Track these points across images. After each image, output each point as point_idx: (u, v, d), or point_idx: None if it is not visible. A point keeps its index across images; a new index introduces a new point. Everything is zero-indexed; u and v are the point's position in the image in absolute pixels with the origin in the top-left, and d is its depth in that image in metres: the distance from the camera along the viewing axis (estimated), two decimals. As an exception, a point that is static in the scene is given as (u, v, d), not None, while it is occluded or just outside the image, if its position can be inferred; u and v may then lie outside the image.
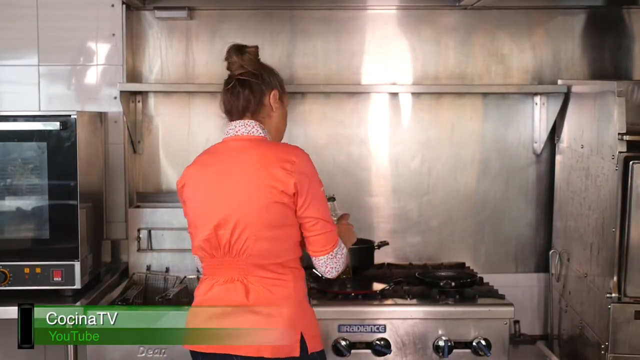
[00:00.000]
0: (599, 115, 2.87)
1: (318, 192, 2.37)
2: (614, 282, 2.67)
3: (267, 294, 2.29)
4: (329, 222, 2.37)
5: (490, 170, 3.51)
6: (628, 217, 2.63)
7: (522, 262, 3.54)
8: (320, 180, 2.39)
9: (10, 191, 2.88)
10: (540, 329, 3.49)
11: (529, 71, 3.48)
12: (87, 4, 3.32)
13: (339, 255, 2.38)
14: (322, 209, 2.37)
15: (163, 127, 3.48)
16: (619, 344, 2.69)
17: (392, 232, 3.49)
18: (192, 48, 3.45)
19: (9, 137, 2.85)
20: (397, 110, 3.48)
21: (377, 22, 3.47)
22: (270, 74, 2.49)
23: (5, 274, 2.83)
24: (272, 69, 2.51)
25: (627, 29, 3.47)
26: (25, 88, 3.35)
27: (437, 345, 2.81)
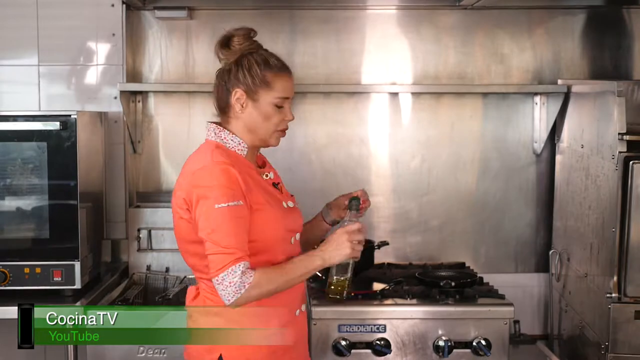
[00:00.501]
0: (599, 115, 2.87)
1: (207, 209, 2.13)
2: (614, 282, 2.67)
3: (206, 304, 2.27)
4: (215, 244, 2.12)
5: (491, 170, 3.51)
6: (628, 217, 2.63)
7: (522, 262, 3.54)
8: (222, 196, 2.13)
9: (10, 191, 2.88)
10: (540, 329, 3.50)
11: (529, 71, 3.48)
12: (87, 4, 3.32)
13: (226, 282, 2.09)
14: (208, 228, 2.13)
15: (163, 127, 3.48)
16: (619, 344, 2.69)
17: (392, 231, 3.49)
18: (192, 48, 3.45)
19: (9, 137, 2.84)
20: (397, 110, 3.48)
21: (377, 21, 3.47)
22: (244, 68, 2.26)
23: (5, 274, 2.83)
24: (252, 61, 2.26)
25: (627, 28, 3.47)
26: (25, 88, 3.35)
27: (437, 345, 2.81)
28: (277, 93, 2.28)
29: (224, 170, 2.17)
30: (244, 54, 2.28)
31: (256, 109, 2.28)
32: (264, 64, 2.27)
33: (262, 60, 2.28)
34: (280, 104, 2.29)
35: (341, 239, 2.24)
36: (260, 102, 2.27)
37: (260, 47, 2.33)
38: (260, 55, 2.29)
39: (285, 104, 2.31)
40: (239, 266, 2.10)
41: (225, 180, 2.16)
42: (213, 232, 2.13)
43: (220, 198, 2.14)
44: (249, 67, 2.26)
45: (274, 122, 2.29)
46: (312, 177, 3.44)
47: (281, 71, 2.30)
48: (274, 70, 2.28)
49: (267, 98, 2.27)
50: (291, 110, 2.33)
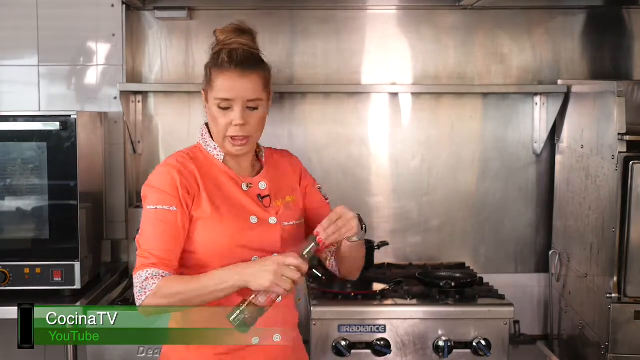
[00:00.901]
0: (599, 115, 2.87)
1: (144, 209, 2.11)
2: (614, 282, 2.67)
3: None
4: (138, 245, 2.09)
5: (490, 170, 3.51)
6: (628, 217, 2.63)
7: (522, 262, 3.53)
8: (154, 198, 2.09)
9: (10, 191, 2.88)
10: (540, 329, 3.49)
11: (529, 71, 3.48)
12: (87, 4, 3.32)
13: (135, 285, 2.04)
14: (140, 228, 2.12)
15: (163, 127, 3.48)
16: (619, 344, 2.69)
17: (392, 232, 3.49)
18: (192, 48, 3.45)
19: (8, 137, 2.84)
20: (397, 110, 3.48)
21: (377, 22, 3.47)
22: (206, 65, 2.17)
23: (5, 274, 2.83)
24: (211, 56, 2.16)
25: (627, 29, 3.47)
26: (25, 88, 3.35)
27: (437, 346, 2.81)
28: (216, 93, 2.11)
29: (163, 173, 2.12)
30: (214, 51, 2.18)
31: (208, 110, 2.17)
32: (214, 59, 2.14)
33: (216, 56, 2.14)
34: (223, 106, 2.11)
35: (267, 265, 1.98)
36: (209, 102, 2.16)
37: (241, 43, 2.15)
38: (219, 52, 2.14)
39: (234, 106, 2.10)
40: (146, 272, 2.02)
41: (161, 182, 2.10)
42: (139, 233, 2.11)
43: (152, 200, 2.09)
44: (207, 64, 2.18)
45: (220, 126, 2.13)
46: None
47: (223, 68, 2.11)
48: (217, 67, 2.12)
49: (211, 98, 2.14)
50: (242, 115, 2.09)
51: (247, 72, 2.11)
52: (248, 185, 2.20)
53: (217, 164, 2.20)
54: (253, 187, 2.21)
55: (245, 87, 2.10)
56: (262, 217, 2.17)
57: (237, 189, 2.19)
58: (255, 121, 2.13)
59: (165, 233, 2.07)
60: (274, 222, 2.18)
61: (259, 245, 2.14)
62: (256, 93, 2.12)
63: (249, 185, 2.20)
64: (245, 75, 2.10)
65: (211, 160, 2.20)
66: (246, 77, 2.10)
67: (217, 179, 2.17)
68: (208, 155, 2.20)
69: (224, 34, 2.18)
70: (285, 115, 3.45)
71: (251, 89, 2.11)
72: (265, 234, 2.16)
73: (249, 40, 2.18)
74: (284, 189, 2.27)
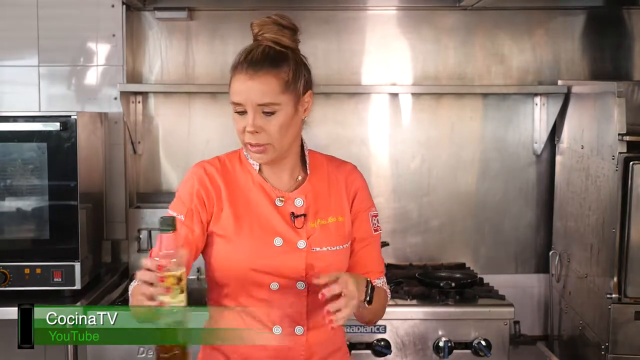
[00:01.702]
0: (599, 115, 2.87)
1: None
2: (614, 282, 2.67)
3: None
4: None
5: (491, 170, 3.51)
6: (628, 218, 2.63)
7: (522, 262, 3.53)
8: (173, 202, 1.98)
9: (10, 192, 2.88)
10: (540, 330, 3.49)
11: (529, 71, 3.48)
12: (87, 5, 3.32)
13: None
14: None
15: (163, 128, 3.48)
16: (619, 345, 2.69)
17: (392, 232, 3.49)
18: (192, 49, 3.45)
19: (9, 137, 2.84)
20: (397, 111, 3.48)
21: (377, 22, 3.47)
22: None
23: (5, 275, 2.83)
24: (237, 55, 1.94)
25: (627, 29, 3.47)
26: (25, 88, 3.35)
27: (437, 346, 2.81)
28: (230, 96, 1.92)
29: (188, 177, 1.98)
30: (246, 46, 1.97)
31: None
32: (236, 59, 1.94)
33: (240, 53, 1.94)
34: (239, 110, 1.90)
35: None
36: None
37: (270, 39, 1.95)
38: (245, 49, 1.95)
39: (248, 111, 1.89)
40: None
41: (182, 186, 1.98)
42: None
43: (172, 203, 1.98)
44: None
45: (238, 132, 1.94)
46: (312, 178, 3.44)
47: (237, 68, 1.91)
48: (233, 67, 1.93)
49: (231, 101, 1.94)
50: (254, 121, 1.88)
51: (259, 73, 1.88)
52: (282, 200, 1.98)
53: (252, 174, 2.00)
54: (287, 203, 1.98)
55: (255, 89, 1.88)
56: (289, 239, 1.95)
57: (269, 205, 1.97)
58: (273, 128, 1.90)
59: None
60: (302, 247, 1.94)
61: (278, 270, 1.93)
62: (269, 97, 1.88)
63: (282, 200, 1.98)
64: (257, 76, 1.88)
65: (248, 169, 2.00)
66: (257, 78, 1.87)
67: (249, 191, 1.98)
68: (246, 164, 2.01)
69: (258, 27, 1.96)
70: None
71: (262, 92, 1.88)
72: (289, 259, 1.94)
73: (283, 37, 1.98)
74: (328, 207, 2.02)
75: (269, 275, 1.93)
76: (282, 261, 1.93)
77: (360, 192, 2.08)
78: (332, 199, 2.03)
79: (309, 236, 1.96)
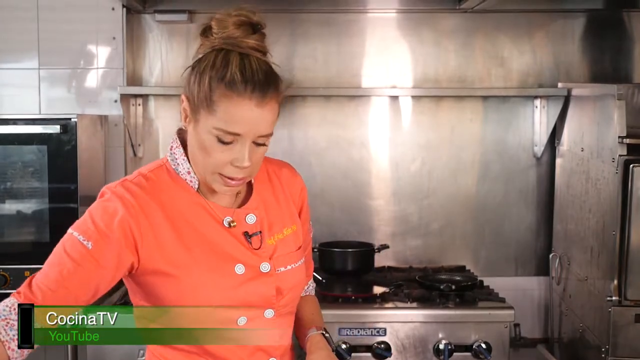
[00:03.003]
0: (599, 118, 2.87)
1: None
2: (615, 285, 2.67)
3: None
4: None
5: (491, 173, 3.51)
6: (628, 220, 2.63)
7: (522, 265, 3.53)
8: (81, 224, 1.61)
9: (10, 194, 2.88)
10: (540, 332, 3.49)
11: (529, 74, 3.48)
12: (87, 8, 3.32)
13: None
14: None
15: (163, 130, 3.48)
16: (620, 347, 2.68)
17: (392, 235, 3.48)
18: (192, 51, 3.39)
19: (9, 140, 2.85)
20: (397, 113, 3.48)
21: (377, 25, 3.47)
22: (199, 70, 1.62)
23: (5, 277, 2.83)
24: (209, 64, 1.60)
25: (627, 32, 3.47)
26: (25, 91, 3.35)
27: (437, 349, 2.80)
28: (218, 122, 1.56)
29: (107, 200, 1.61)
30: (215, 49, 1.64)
31: (194, 133, 1.62)
32: (219, 70, 1.57)
33: (223, 63, 1.58)
34: (226, 139, 1.57)
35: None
36: (200, 126, 1.60)
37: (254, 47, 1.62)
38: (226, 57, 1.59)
39: (238, 141, 1.57)
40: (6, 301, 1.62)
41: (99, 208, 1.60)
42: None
43: (76, 223, 1.62)
44: (202, 69, 1.61)
45: (214, 162, 1.59)
46: (312, 180, 3.44)
47: (235, 90, 1.54)
48: (226, 85, 1.55)
49: (206, 123, 1.58)
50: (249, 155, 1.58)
51: (266, 99, 1.57)
52: (231, 223, 1.68)
53: (189, 192, 1.68)
54: (238, 223, 1.69)
55: (261, 119, 1.57)
56: (250, 264, 1.68)
57: (216, 226, 1.67)
58: (258, 159, 1.63)
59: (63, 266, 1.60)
60: (267, 270, 1.69)
61: (246, 303, 1.66)
62: (271, 126, 1.61)
63: (232, 223, 1.69)
64: (264, 104, 1.56)
65: (181, 185, 1.68)
66: (264, 106, 1.57)
67: (190, 214, 1.65)
68: (177, 179, 1.68)
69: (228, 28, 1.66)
70: (285, 118, 3.44)
71: (268, 122, 1.59)
72: (256, 287, 1.68)
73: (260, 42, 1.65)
74: (281, 218, 1.77)
75: (235, 309, 1.65)
76: (247, 291, 1.67)
77: (305, 197, 1.87)
78: (282, 207, 1.78)
79: (270, 256, 1.71)
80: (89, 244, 1.58)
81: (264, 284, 1.69)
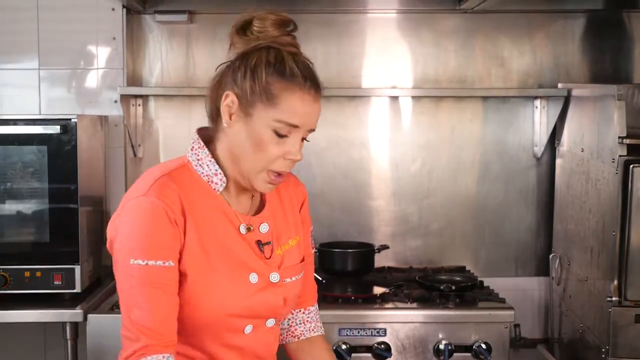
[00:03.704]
0: (599, 118, 2.87)
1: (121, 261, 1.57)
2: (615, 285, 2.67)
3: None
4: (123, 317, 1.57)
5: (491, 173, 3.51)
6: (628, 221, 2.63)
7: (522, 265, 3.53)
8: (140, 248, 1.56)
9: (10, 195, 2.88)
10: (540, 333, 3.49)
11: (529, 74, 3.48)
12: (87, 8, 3.32)
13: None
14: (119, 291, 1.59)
15: (163, 131, 3.48)
16: (620, 348, 2.68)
17: (392, 235, 3.49)
18: (192, 52, 3.45)
19: (9, 140, 2.84)
20: (397, 113, 3.48)
21: (377, 25, 3.47)
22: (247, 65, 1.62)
23: (5, 278, 2.82)
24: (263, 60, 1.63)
25: (627, 32, 3.47)
26: (25, 91, 3.35)
27: (437, 349, 2.80)
28: (280, 114, 1.60)
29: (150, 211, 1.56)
30: (260, 47, 1.65)
31: (246, 128, 1.62)
32: (275, 66, 1.62)
33: (277, 59, 1.63)
34: (283, 132, 1.62)
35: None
36: (254, 120, 1.61)
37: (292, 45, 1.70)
38: (279, 54, 1.64)
39: (292, 134, 1.63)
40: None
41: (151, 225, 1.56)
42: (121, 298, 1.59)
43: (138, 250, 1.54)
44: (255, 65, 1.62)
45: (267, 157, 1.61)
46: (312, 181, 3.44)
47: (296, 83, 1.62)
48: (287, 79, 1.62)
49: (265, 117, 1.60)
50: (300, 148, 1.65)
51: (319, 95, 1.68)
52: (248, 228, 1.70)
53: (210, 194, 1.67)
54: (254, 231, 1.70)
55: (315, 113, 1.67)
56: (262, 273, 1.69)
57: (233, 232, 1.67)
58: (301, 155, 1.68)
59: (163, 302, 1.55)
60: (276, 280, 1.71)
61: (254, 312, 1.69)
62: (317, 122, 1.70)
63: (250, 228, 1.70)
64: (318, 99, 1.66)
65: (204, 187, 1.67)
66: (318, 101, 1.66)
67: (211, 218, 1.65)
68: (199, 181, 1.67)
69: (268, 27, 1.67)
70: (285, 118, 3.45)
71: (318, 117, 1.69)
72: (265, 297, 1.69)
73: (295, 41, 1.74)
74: (287, 228, 1.79)
75: (244, 318, 1.68)
76: (258, 300, 1.68)
77: (306, 206, 1.87)
78: (288, 217, 1.80)
79: (279, 266, 1.73)
80: (169, 263, 1.57)
81: (273, 294, 1.71)
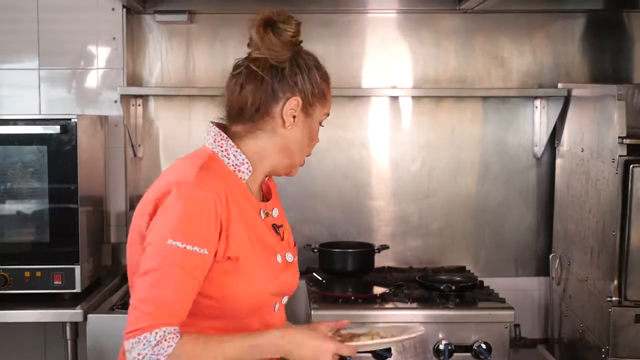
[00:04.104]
0: (599, 118, 2.87)
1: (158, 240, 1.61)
2: (615, 285, 2.67)
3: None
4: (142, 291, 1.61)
5: (491, 173, 3.51)
6: (628, 221, 2.63)
7: (522, 265, 3.53)
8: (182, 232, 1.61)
9: (10, 195, 2.88)
10: (540, 333, 3.49)
11: (529, 74, 3.48)
12: (87, 8, 3.32)
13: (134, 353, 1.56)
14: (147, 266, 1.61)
15: (163, 131, 3.48)
16: (620, 348, 2.68)
17: (393, 235, 3.48)
18: (192, 52, 3.45)
19: (9, 140, 2.85)
20: (397, 113, 3.48)
21: (377, 25, 3.47)
22: (302, 71, 1.78)
23: (5, 278, 2.83)
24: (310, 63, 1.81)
25: (627, 32, 3.47)
26: (25, 91, 3.35)
27: (437, 349, 2.80)
28: (328, 109, 1.87)
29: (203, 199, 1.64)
30: (300, 51, 1.83)
31: (305, 127, 1.82)
32: (320, 70, 1.84)
33: (317, 62, 1.84)
34: (323, 122, 1.90)
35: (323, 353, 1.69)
36: (314, 119, 1.83)
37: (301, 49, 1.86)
38: (311, 58, 1.84)
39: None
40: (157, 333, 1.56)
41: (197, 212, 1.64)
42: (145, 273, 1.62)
43: (181, 233, 1.61)
44: (308, 70, 1.79)
45: (313, 144, 1.89)
46: (312, 181, 3.44)
47: (329, 81, 1.89)
48: (328, 79, 1.87)
49: (319, 113, 1.84)
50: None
51: None
52: (267, 214, 1.84)
53: (237, 182, 1.78)
54: (269, 216, 1.86)
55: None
56: (282, 254, 1.83)
57: (257, 217, 1.80)
58: None
59: (188, 286, 1.62)
60: (291, 260, 1.86)
61: (283, 290, 1.84)
62: None
63: (268, 213, 1.85)
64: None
65: (231, 176, 1.77)
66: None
67: (243, 205, 1.76)
68: (227, 170, 1.77)
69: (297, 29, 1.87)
70: (285, 118, 3.45)
71: None
72: (288, 276, 1.84)
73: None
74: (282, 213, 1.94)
75: (279, 296, 1.84)
76: (284, 280, 1.82)
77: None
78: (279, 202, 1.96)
79: (290, 247, 1.90)
80: (204, 251, 1.64)
81: (292, 273, 1.86)
